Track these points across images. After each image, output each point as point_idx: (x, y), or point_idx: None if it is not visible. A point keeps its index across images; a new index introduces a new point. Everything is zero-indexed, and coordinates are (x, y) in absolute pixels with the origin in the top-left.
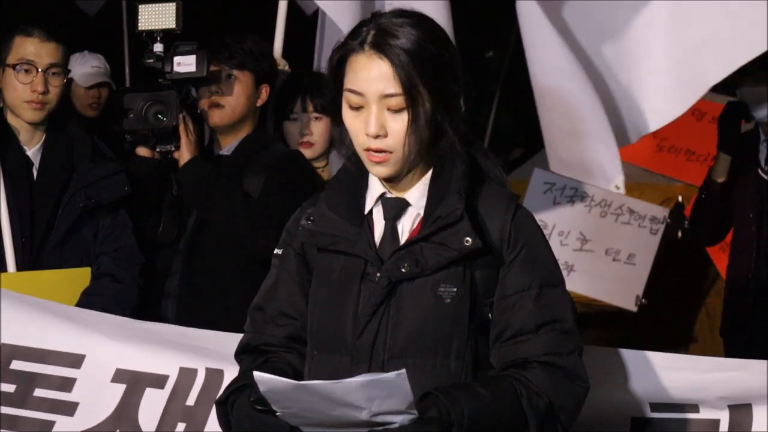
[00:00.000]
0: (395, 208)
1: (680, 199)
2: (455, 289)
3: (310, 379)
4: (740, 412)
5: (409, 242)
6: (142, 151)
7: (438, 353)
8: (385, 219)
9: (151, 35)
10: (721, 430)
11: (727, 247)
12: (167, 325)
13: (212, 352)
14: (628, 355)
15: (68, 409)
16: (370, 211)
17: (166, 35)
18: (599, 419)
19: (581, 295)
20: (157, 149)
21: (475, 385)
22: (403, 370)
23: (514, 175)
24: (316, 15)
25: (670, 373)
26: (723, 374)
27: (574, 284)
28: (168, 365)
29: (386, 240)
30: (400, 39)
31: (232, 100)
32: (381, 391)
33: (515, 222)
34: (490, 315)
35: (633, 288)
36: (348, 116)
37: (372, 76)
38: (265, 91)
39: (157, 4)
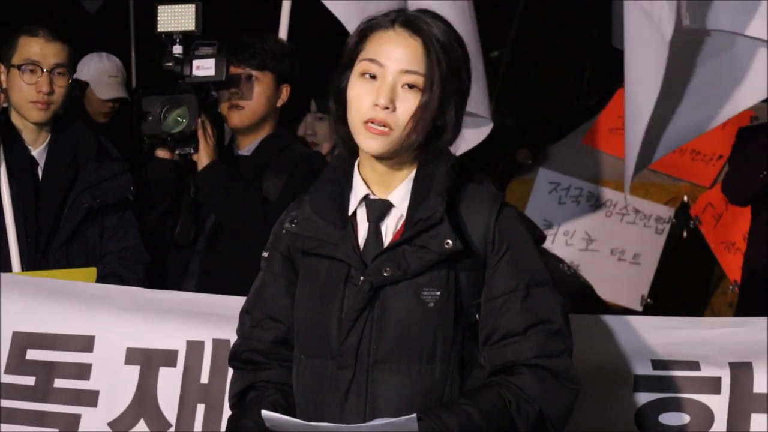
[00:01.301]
0: (379, 210)
1: (685, 198)
2: (438, 293)
3: (299, 383)
4: (741, 371)
5: (392, 245)
6: (162, 153)
7: (423, 358)
8: (368, 221)
9: (170, 37)
10: (723, 388)
11: (732, 246)
12: (170, 292)
13: (216, 318)
14: (629, 319)
15: (90, 399)
16: (354, 213)
17: (185, 37)
18: (602, 378)
19: None
20: (176, 151)
21: (462, 402)
22: (414, 415)
23: (519, 175)
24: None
25: (670, 331)
26: (723, 330)
27: None
28: (175, 339)
29: (370, 242)
30: (433, 28)
31: (252, 102)
32: (390, 429)
33: (499, 223)
34: (477, 316)
35: (638, 288)
36: (356, 85)
37: (398, 51)
38: (285, 91)
39: (176, 6)
